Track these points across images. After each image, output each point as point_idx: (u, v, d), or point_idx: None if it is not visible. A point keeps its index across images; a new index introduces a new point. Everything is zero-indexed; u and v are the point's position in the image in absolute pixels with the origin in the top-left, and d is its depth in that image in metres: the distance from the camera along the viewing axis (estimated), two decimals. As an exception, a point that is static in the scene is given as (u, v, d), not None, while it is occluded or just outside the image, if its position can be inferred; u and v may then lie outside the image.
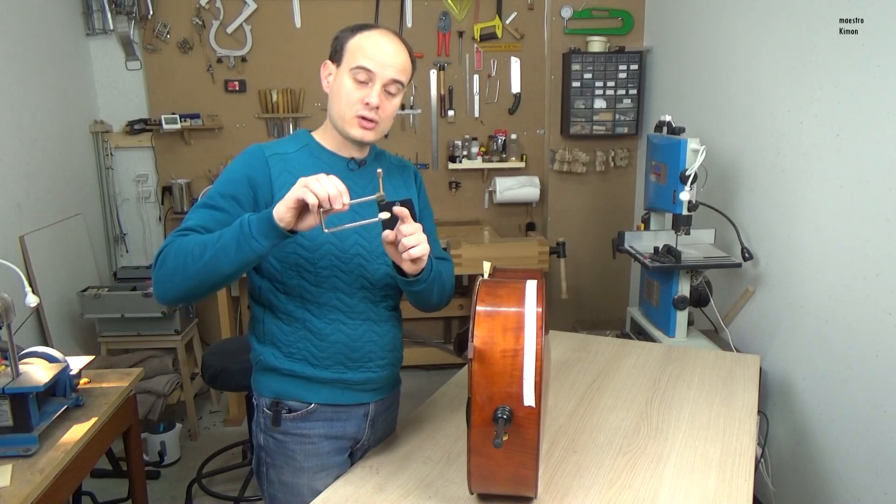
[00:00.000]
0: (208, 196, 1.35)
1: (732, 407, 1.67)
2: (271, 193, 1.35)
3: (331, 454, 1.45)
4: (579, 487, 1.33)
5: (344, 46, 1.38)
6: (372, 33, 1.38)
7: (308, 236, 1.35)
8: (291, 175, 1.34)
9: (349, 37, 1.39)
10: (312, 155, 1.42)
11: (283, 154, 1.39)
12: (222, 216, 1.31)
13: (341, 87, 1.37)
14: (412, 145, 3.91)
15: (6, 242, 2.78)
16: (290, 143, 1.43)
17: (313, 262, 1.38)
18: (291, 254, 1.38)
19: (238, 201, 1.33)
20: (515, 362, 1.14)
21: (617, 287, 4.05)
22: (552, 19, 3.73)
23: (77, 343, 3.18)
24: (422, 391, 1.73)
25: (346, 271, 1.40)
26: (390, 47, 1.37)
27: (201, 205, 1.34)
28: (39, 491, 1.47)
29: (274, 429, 1.43)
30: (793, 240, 2.35)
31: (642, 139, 3.66)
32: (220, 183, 1.36)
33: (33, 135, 3.05)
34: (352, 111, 1.36)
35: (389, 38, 1.39)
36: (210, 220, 1.31)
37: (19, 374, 1.64)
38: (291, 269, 1.38)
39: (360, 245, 1.41)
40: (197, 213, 1.33)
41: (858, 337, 2.04)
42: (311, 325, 1.41)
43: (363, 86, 1.35)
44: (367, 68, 1.34)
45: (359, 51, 1.36)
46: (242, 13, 3.64)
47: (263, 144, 1.41)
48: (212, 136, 3.75)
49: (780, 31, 2.39)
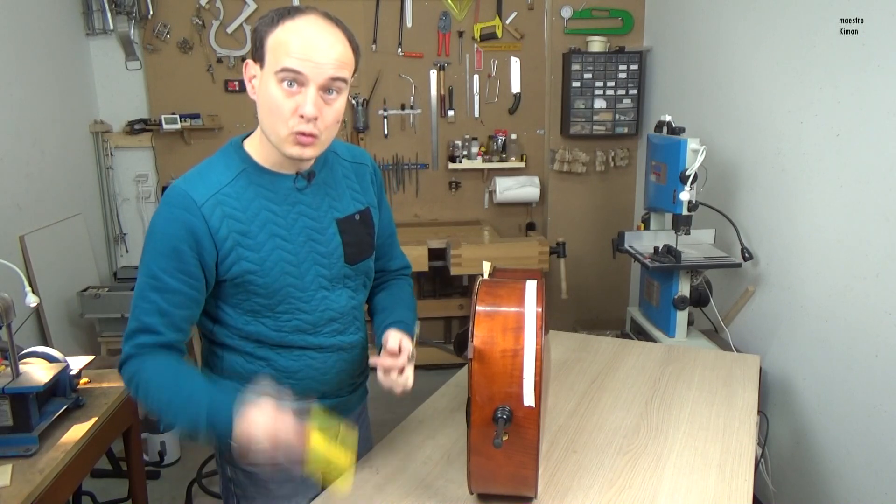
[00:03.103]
0: (151, 273, 1.15)
1: (732, 407, 1.67)
2: (216, 250, 1.17)
3: (304, 477, 1.34)
4: (579, 487, 1.33)
5: (265, 42, 1.12)
6: (296, 22, 1.11)
7: (262, 283, 1.20)
8: (235, 220, 1.17)
9: (268, 29, 1.11)
10: (252, 182, 1.20)
11: (217, 194, 1.17)
12: (178, 298, 1.16)
13: (268, 96, 1.12)
14: (412, 145, 3.91)
15: (6, 242, 2.78)
16: (222, 171, 1.20)
17: (271, 307, 1.23)
18: (245, 300, 1.22)
19: (187, 273, 1.16)
20: (515, 362, 1.13)
21: (617, 287, 4.05)
22: (552, 19, 3.73)
23: (77, 343, 3.18)
24: (422, 391, 1.73)
25: (308, 311, 1.26)
26: (322, 38, 1.10)
27: (147, 287, 1.16)
28: (39, 491, 1.47)
29: (242, 460, 1.32)
30: (793, 240, 2.35)
31: (642, 139, 3.66)
32: (159, 254, 1.15)
33: (33, 135, 3.05)
34: (286, 127, 1.12)
35: (319, 26, 1.12)
36: (166, 305, 1.16)
37: (19, 374, 1.64)
38: (248, 315, 1.24)
39: (321, 276, 1.27)
40: (148, 301, 1.16)
41: (858, 337, 2.04)
42: (276, 363, 1.29)
43: (294, 93, 1.11)
44: (295, 70, 1.09)
45: (281, 49, 1.09)
46: (242, 13, 3.65)
47: (189, 185, 1.17)
48: (212, 136, 3.74)
49: (780, 31, 2.39)
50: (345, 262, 1.31)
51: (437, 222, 3.99)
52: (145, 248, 1.18)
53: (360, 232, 1.34)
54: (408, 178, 3.95)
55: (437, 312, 3.94)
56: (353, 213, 1.33)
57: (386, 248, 1.47)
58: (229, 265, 1.19)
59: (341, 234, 1.30)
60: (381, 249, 1.45)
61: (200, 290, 1.20)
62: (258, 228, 1.20)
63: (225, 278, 1.20)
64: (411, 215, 4.00)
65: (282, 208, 1.23)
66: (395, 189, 3.95)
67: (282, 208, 1.23)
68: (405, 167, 3.93)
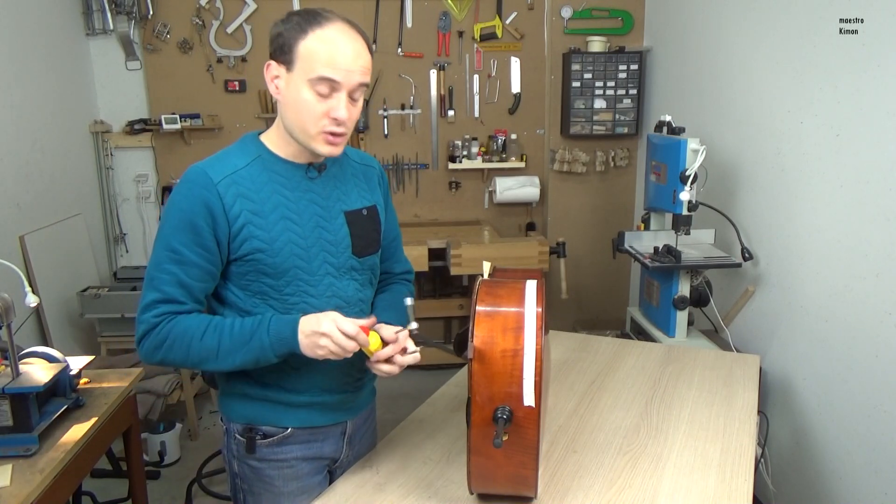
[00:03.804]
0: (170, 247, 1.21)
1: (732, 407, 1.67)
2: (228, 226, 1.22)
3: (310, 475, 1.40)
4: (579, 487, 1.33)
5: (294, 48, 1.18)
6: (327, 32, 1.18)
7: (271, 263, 1.25)
8: (247, 200, 1.23)
9: (299, 36, 1.18)
10: (266, 168, 1.27)
11: (232, 174, 1.23)
12: (196, 271, 1.21)
13: (300, 99, 1.20)
14: (412, 145, 3.91)
15: (6, 242, 2.78)
16: (238, 156, 1.27)
17: (279, 288, 1.27)
18: (254, 281, 1.26)
19: (204, 247, 1.21)
20: (515, 362, 1.13)
21: (617, 287, 4.05)
22: (552, 19, 3.73)
23: (77, 343, 3.18)
24: (422, 391, 1.73)
25: (315, 295, 1.30)
26: (352, 48, 1.19)
27: (167, 259, 1.21)
28: (39, 491, 1.47)
29: (249, 455, 1.35)
30: (793, 240, 2.35)
31: (642, 139, 3.66)
32: (177, 228, 1.20)
33: (33, 135, 3.05)
34: (317, 127, 1.21)
35: (349, 37, 1.19)
36: (185, 277, 1.21)
37: (19, 374, 1.64)
38: (256, 297, 1.28)
39: (328, 263, 1.31)
40: (168, 273, 1.21)
41: (858, 337, 2.04)
42: None
43: (326, 97, 1.19)
44: (331, 78, 1.17)
45: (316, 58, 1.17)
46: (242, 13, 3.65)
47: (207, 165, 1.24)
48: (212, 136, 3.75)
49: (780, 31, 2.39)
50: (352, 252, 1.34)
51: (437, 222, 3.99)
52: (163, 224, 1.23)
53: (367, 226, 1.37)
54: (408, 178, 3.95)
55: (437, 312, 3.94)
56: (360, 209, 1.37)
57: (391, 251, 1.51)
58: (240, 242, 1.23)
59: (349, 225, 1.34)
60: (387, 252, 1.48)
61: (216, 265, 1.25)
62: (270, 209, 1.25)
63: (236, 256, 1.25)
64: (411, 215, 4.00)
65: (293, 194, 1.28)
66: (395, 189, 3.95)
67: (293, 194, 1.28)
68: (405, 167, 3.93)
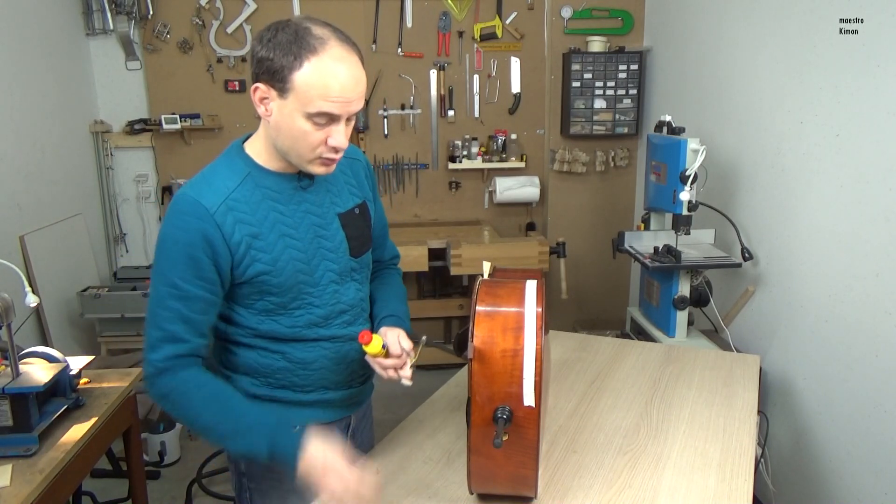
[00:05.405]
0: (170, 283, 1.17)
1: (732, 407, 1.67)
2: (230, 255, 1.19)
3: None
4: (579, 487, 1.33)
5: (288, 79, 1.11)
6: (324, 61, 1.10)
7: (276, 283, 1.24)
8: (246, 224, 1.20)
9: (293, 66, 1.10)
10: (258, 185, 1.23)
11: (226, 200, 1.19)
12: (199, 304, 1.19)
13: (295, 127, 1.15)
14: (412, 145, 3.91)
15: (6, 242, 2.78)
16: (227, 176, 1.23)
17: (285, 305, 1.27)
18: (259, 300, 1.26)
19: (205, 279, 1.18)
20: (515, 362, 1.13)
21: (617, 287, 4.05)
22: (552, 19, 3.73)
23: (77, 343, 3.18)
24: (422, 391, 1.73)
25: (320, 305, 1.30)
26: (350, 76, 1.13)
27: (167, 295, 1.17)
28: (39, 491, 1.47)
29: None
30: (793, 240, 2.35)
31: (642, 139, 3.66)
32: (176, 262, 1.17)
33: (33, 135, 3.05)
34: (314, 154, 1.18)
35: (347, 63, 1.13)
36: (188, 312, 1.18)
37: (19, 374, 1.64)
38: (261, 315, 1.27)
39: (330, 271, 1.31)
40: (170, 310, 1.17)
41: (858, 337, 2.04)
42: (291, 356, 1.31)
43: (324, 126, 1.15)
44: (331, 113, 1.13)
45: (314, 91, 1.11)
46: (242, 13, 3.65)
47: (197, 193, 1.19)
48: (212, 136, 3.74)
49: (780, 31, 2.39)
50: (350, 255, 1.35)
51: (437, 222, 3.99)
52: (159, 258, 1.19)
53: (360, 225, 1.38)
54: (408, 178, 3.95)
55: (437, 312, 3.94)
56: (352, 208, 1.37)
57: (381, 240, 1.53)
58: (244, 268, 1.22)
59: (344, 228, 1.34)
60: (377, 241, 1.50)
61: (219, 295, 1.23)
62: (268, 230, 1.24)
63: (241, 281, 1.24)
64: (411, 215, 4.00)
65: (288, 208, 1.27)
66: (395, 189, 3.95)
67: (288, 208, 1.27)
68: (405, 167, 3.93)
